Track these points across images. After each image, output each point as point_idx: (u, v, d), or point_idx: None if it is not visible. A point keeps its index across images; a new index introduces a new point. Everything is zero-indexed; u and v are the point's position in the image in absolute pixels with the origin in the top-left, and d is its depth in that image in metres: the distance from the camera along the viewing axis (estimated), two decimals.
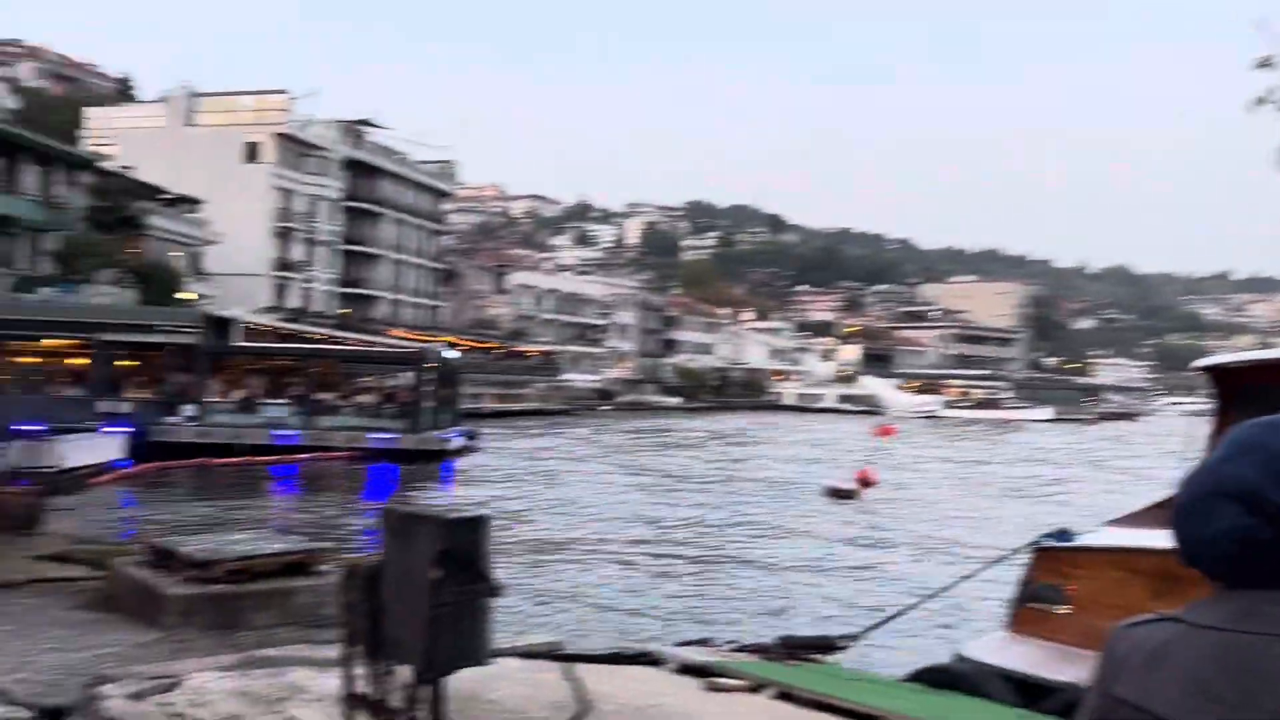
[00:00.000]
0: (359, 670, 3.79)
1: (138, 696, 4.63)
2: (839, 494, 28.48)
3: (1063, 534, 10.05)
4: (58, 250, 44.42)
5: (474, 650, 3.52)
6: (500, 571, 4.01)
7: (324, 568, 8.39)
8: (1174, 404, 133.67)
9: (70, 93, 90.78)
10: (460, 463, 34.59)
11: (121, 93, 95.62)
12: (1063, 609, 9.30)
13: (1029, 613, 9.41)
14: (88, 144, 60.67)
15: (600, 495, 27.10)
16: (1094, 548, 9.46)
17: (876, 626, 9.15)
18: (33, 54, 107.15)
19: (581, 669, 6.30)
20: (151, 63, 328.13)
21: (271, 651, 5.70)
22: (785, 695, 6.30)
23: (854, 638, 8.43)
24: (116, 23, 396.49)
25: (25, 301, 36.62)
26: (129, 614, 7.75)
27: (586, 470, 34.52)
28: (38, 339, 32.68)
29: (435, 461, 32.86)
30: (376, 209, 76.11)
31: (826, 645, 7.97)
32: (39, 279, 41.06)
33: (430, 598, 3.41)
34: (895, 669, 10.05)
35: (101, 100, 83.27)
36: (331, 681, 5.27)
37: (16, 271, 40.94)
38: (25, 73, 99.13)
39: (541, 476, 31.97)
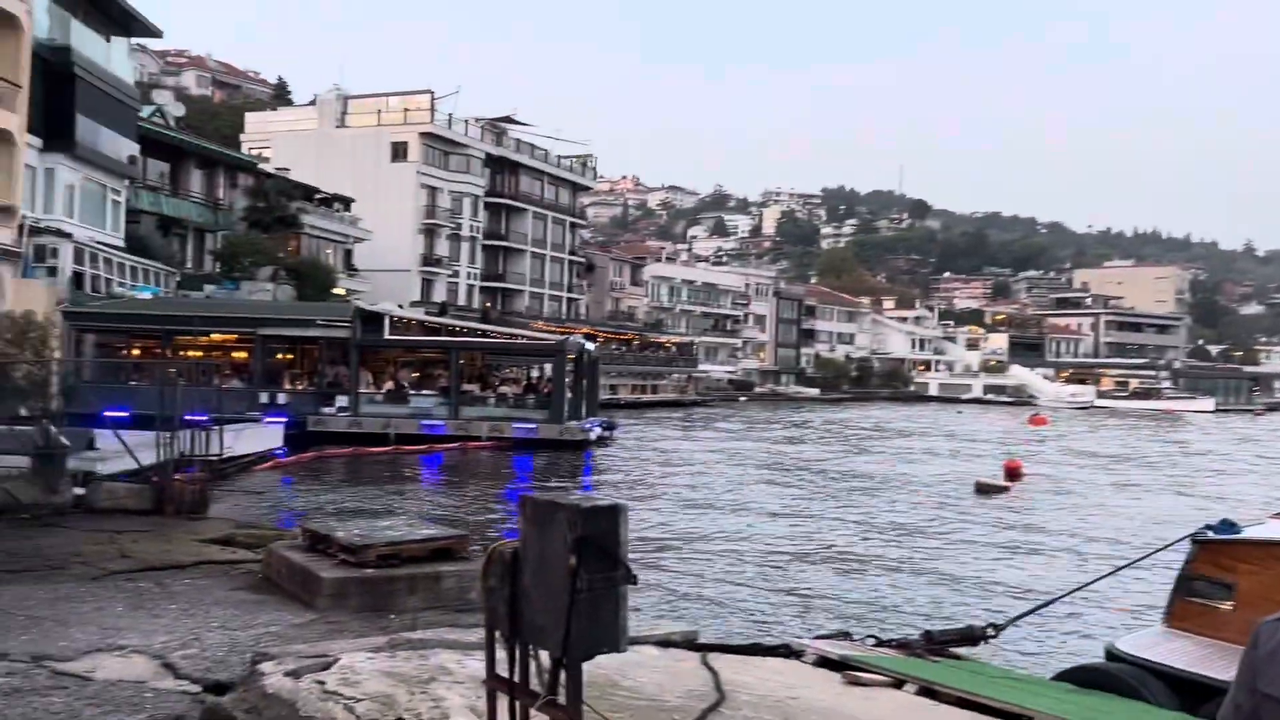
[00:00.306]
0: (500, 653, 3.89)
1: (295, 675, 4.87)
2: (988, 489, 27.74)
3: (1226, 526, 9.54)
4: (220, 249, 46.88)
5: (611, 637, 3.57)
6: (636, 561, 4.05)
7: (469, 554, 8.65)
8: None
9: (231, 98, 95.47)
10: (599, 452, 35.01)
11: (278, 97, 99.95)
12: (1225, 604, 8.84)
13: (1188, 607, 8.97)
14: (246, 147, 63.76)
15: (735, 487, 27.03)
16: (1260, 541, 8.96)
17: (1023, 616, 8.83)
18: (197, 63, 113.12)
19: (718, 658, 6.31)
20: (306, 67, 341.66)
21: (418, 634, 5.91)
22: (928, 691, 6.15)
23: (999, 628, 8.17)
24: (275, 30, 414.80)
25: (192, 298, 38.79)
26: (287, 595, 8.14)
27: (722, 462, 34.46)
28: (204, 334, 34.54)
29: (575, 451, 33.34)
30: (517, 204, 77.56)
31: (971, 637, 7.75)
32: (203, 277, 43.44)
33: (568, 585, 3.47)
34: (1045, 665, 9.73)
35: (260, 105, 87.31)
36: (475, 664, 5.42)
37: (183, 270, 43.38)
38: (190, 81, 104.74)
39: (676, 468, 32.08)
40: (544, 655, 3.73)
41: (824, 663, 6.82)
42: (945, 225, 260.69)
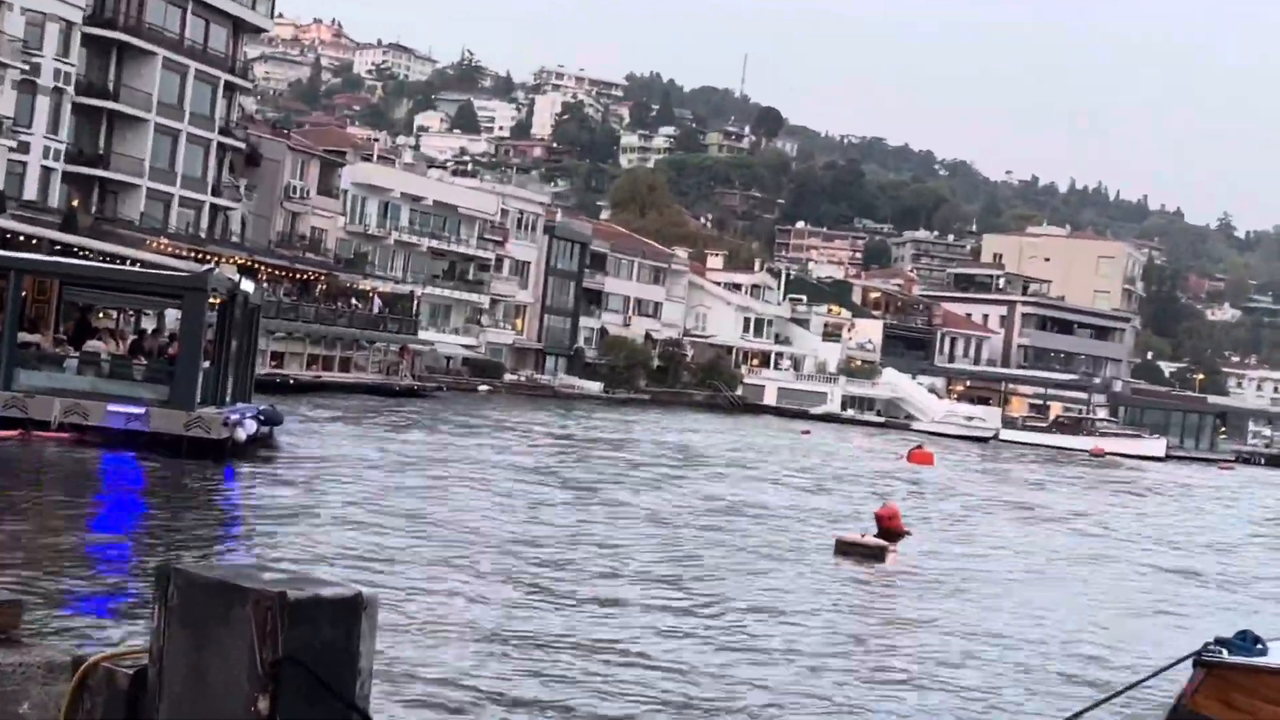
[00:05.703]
0: None
1: None
2: (855, 549, 28.24)
3: (1243, 641, 9.64)
4: None
5: None
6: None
7: (21, 635, 7.58)
8: None
9: None
10: (247, 467, 33.65)
11: None
12: None
13: None
14: None
15: (473, 536, 26.52)
16: None
17: None
18: None
19: None
20: None
21: None
22: None
23: None
24: None
25: None
26: None
27: (450, 491, 33.98)
28: None
29: (213, 457, 31.96)
30: (138, 42, 75.22)
31: None
32: None
33: None
34: None
35: None
36: None
37: None
38: None
39: (380, 497, 31.29)
40: None
41: None
42: (804, 151, 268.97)
